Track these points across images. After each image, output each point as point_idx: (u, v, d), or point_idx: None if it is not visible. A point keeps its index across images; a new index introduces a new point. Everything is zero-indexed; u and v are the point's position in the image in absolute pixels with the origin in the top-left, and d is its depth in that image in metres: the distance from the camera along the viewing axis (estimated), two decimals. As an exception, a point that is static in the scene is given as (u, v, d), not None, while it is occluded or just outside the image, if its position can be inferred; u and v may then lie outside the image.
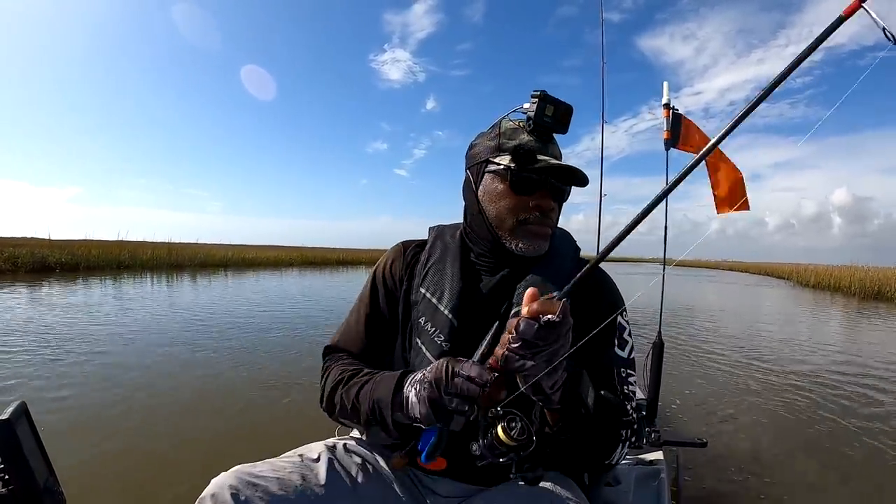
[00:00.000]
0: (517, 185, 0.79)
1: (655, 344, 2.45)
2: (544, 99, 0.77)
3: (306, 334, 5.56)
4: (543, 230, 0.81)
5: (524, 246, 0.80)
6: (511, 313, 0.83)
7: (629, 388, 0.80)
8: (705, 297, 14.05)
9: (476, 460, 0.62)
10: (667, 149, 2.70)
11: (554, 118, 0.79)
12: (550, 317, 0.56)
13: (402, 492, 0.82)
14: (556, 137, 0.84)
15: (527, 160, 0.77)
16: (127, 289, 9.77)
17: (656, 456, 1.60)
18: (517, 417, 0.61)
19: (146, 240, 22.09)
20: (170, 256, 17.16)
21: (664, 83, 2.77)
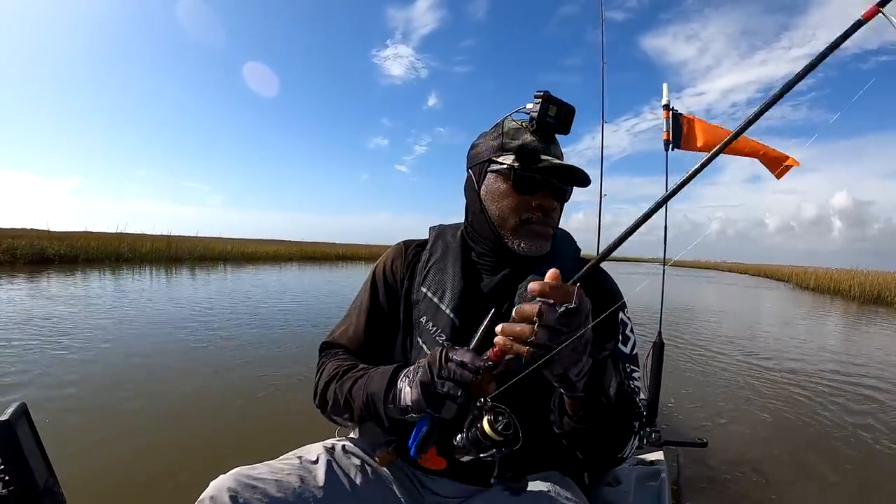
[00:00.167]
0: (520, 185, 0.79)
1: (656, 344, 2.45)
2: (547, 99, 0.78)
3: (306, 330, 5.55)
4: (545, 231, 0.82)
5: (526, 246, 0.80)
6: (516, 300, 0.82)
7: (634, 384, 0.80)
8: (705, 299, 14.07)
9: (457, 453, 0.61)
10: (666, 150, 2.71)
11: (556, 119, 0.79)
12: (568, 305, 0.55)
13: (402, 493, 0.82)
14: (558, 138, 0.84)
15: (530, 159, 0.77)
16: (125, 282, 9.76)
17: (657, 456, 1.60)
18: (505, 412, 0.60)
19: (146, 232, 22.07)
20: (169, 249, 17.11)
21: (664, 84, 2.78)
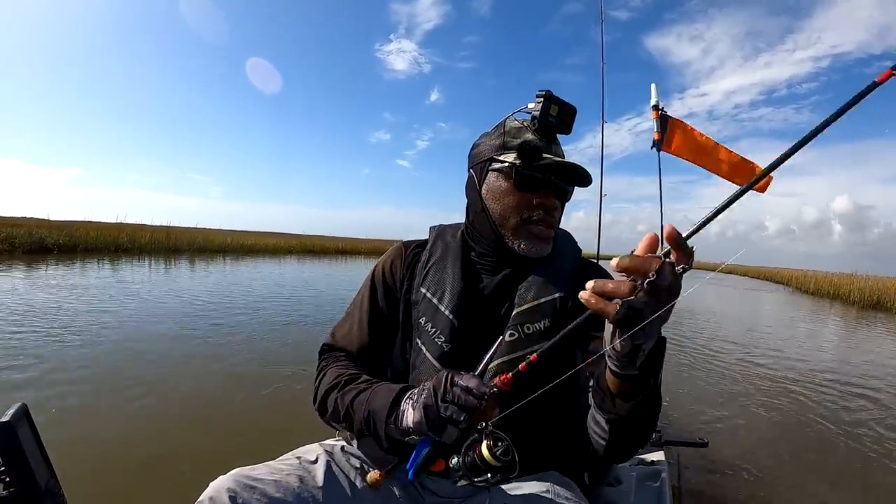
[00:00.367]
0: (522, 183, 0.79)
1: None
2: (549, 99, 0.78)
3: (308, 325, 5.52)
4: (547, 233, 0.81)
5: (526, 247, 0.80)
6: (516, 301, 0.81)
7: None
8: (704, 300, 14.09)
9: (451, 475, 0.60)
10: (657, 150, 2.72)
11: (558, 118, 0.80)
12: (686, 266, 0.50)
13: (401, 493, 0.80)
14: (560, 138, 0.85)
15: (532, 157, 0.77)
16: (124, 273, 9.73)
17: (657, 456, 1.60)
18: (504, 439, 0.58)
19: (146, 223, 22.04)
20: (168, 240, 17.07)
21: (652, 85, 2.78)
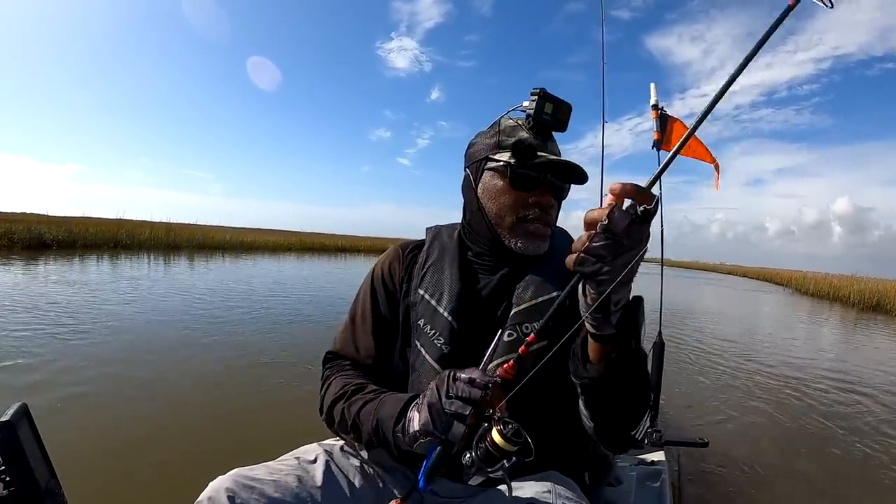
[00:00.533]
0: (517, 182, 0.79)
1: (656, 344, 2.41)
2: (544, 97, 0.77)
3: (310, 324, 5.49)
4: (544, 231, 0.81)
5: (523, 245, 0.80)
6: (514, 300, 0.80)
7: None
8: (704, 301, 14.10)
9: (465, 473, 0.58)
10: (658, 150, 2.71)
11: (553, 116, 0.79)
12: (647, 206, 0.48)
13: (400, 493, 0.80)
14: (556, 136, 0.84)
15: (526, 155, 0.77)
16: (123, 269, 9.70)
17: (658, 456, 1.60)
18: (513, 422, 0.56)
19: (145, 219, 21.98)
20: (167, 237, 17.04)
21: (651, 85, 2.76)
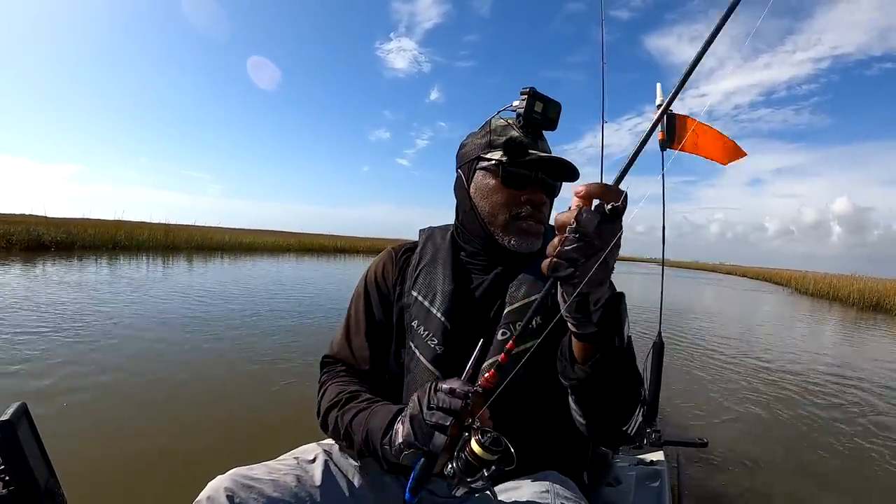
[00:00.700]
0: (509, 180, 0.79)
1: (655, 344, 2.40)
2: (533, 96, 0.78)
3: (307, 326, 5.47)
4: (536, 228, 0.80)
5: (517, 242, 0.79)
6: (507, 300, 0.80)
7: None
8: (704, 301, 14.10)
9: (449, 484, 0.57)
10: (662, 150, 2.71)
11: (543, 115, 0.79)
12: (615, 204, 0.47)
13: (399, 493, 0.79)
14: (549, 136, 0.84)
15: (518, 153, 0.77)
16: (122, 270, 9.67)
17: (657, 456, 1.59)
18: (491, 431, 0.56)
19: (144, 220, 21.95)
20: (166, 238, 17.03)
21: (657, 84, 2.77)
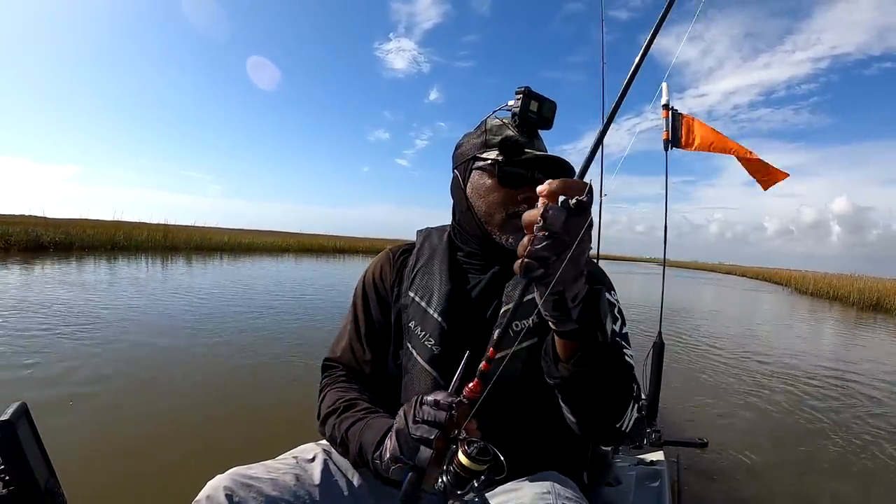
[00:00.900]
0: (505, 179, 0.79)
1: (656, 344, 2.39)
2: (528, 95, 0.78)
3: (308, 326, 5.46)
4: None
5: (514, 240, 0.79)
6: (503, 299, 0.81)
7: (626, 358, 0.76)
8: (704, 301, 14.11)
9: (441, 499, 0.56)
10: (666, 149, 2.72)
11: (538, 114, 0.79)
12: (580, 198, 0.46)
13: (397, 492, 0.78)
14: (549, 135, 0.84)
15: (514, 152, 0.77)
16: (122, 271, 9.66)
17: (657, 456, 1.59)
18: (477, 441, 0.55)
19: (143, 221, 21.90)
20: (165, 239, 17.00)
21: (663, 84, 2.79)
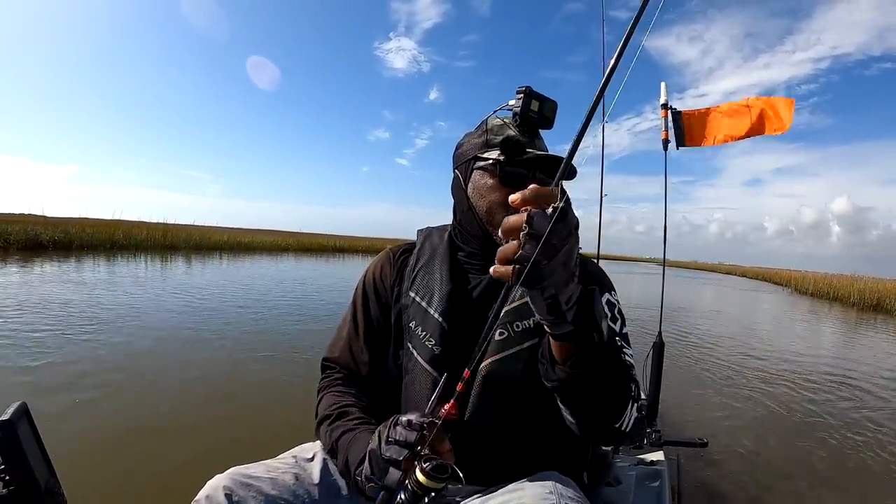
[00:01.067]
0: (506, 179, 0.79)
1: (656, 344, 2.38)
2: (529, 95, 0.78)
3: (308, 327, 5.44)
4: None
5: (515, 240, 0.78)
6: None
7: (626, 359, 0.76)
8: (704, 301, 14.12)
9: None
10: (665, 149, 2.68)
11: (539, 113, 0.79)
12: (556, 204, 0.47)
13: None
14: (548, 135, 0.84)
15: (515, 152, 0.77)
16: (121, 270, 9.65)
17: (657, 456, 1.58)
18: (434, 458, 0.56)
19: (142, 220, 21.89)
20: (165, 238, 16.98)
21: (662, 84, 2.78)
